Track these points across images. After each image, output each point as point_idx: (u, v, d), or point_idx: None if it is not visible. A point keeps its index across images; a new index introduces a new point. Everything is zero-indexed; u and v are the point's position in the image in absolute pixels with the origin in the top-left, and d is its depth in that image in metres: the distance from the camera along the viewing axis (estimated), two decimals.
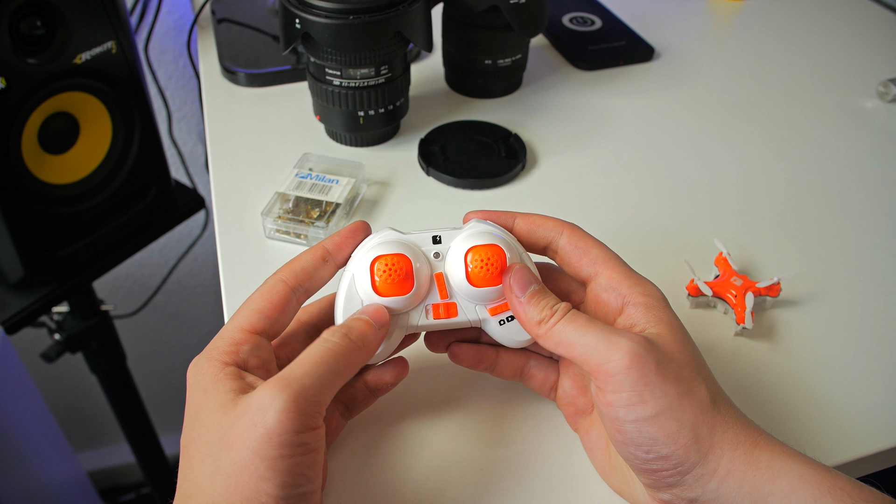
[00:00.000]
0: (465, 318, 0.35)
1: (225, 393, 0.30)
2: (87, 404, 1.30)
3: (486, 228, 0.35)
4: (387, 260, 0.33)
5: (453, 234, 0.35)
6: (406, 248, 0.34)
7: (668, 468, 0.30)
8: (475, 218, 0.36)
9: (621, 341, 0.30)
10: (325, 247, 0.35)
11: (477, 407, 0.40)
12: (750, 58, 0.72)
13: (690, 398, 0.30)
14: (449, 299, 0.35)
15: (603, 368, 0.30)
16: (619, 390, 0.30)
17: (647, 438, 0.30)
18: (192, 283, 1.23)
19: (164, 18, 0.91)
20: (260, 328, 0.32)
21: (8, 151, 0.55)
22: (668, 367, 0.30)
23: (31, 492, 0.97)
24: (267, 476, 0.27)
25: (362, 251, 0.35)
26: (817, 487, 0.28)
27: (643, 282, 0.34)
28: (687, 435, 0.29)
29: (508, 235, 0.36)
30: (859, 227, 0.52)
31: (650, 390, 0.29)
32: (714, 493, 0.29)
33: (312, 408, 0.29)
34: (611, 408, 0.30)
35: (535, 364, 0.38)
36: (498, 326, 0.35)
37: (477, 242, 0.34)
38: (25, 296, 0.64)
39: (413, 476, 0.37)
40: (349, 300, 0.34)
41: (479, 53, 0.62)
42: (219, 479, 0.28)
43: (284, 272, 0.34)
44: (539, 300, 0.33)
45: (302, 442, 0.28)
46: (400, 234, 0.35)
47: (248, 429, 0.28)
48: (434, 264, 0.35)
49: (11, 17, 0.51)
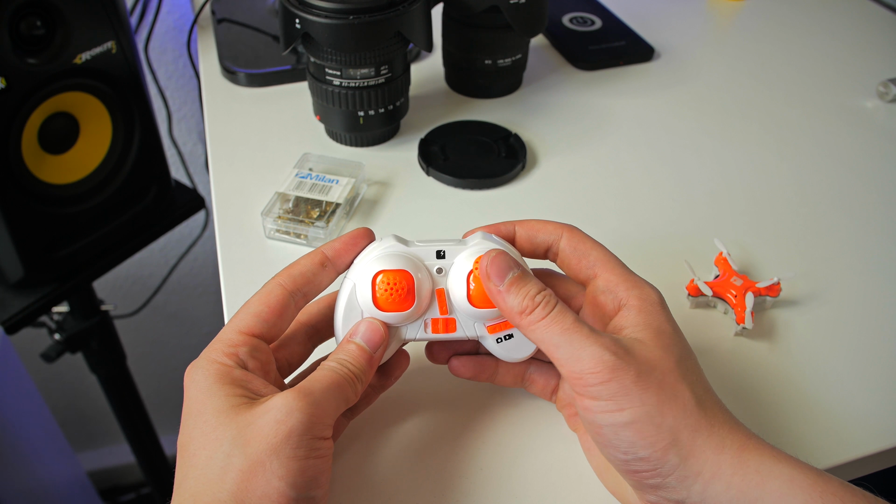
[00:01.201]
0: (464, 334, 0.35)
1: (231, 395, 0.30)
2: (87, 404, 1.30)
3: (490, 245, 0.35)
4: (389, 277, 0.33)
5: (457, 250, 0.35)
6: (409, 264, 0.34)
7: (648, 469, 0.30)
8: (479, 232, 0.36)
9: (603, 354, 0.30)
10: (323, 252, 0.35)
11: (477, 407, 0.40)
12: (750, 58, 0.72)
13: (672, 404, 0.30)
14: (448, 315, 0.35)
15: (582, 378, 0.30)
16: (597, 398, 0.30)
17: (624, 441, 0.30)
18: (192, 283, 1.23)
19: (164, 18, 0.91)
20: (257, 331, 0.33)
21: (8, 151, 0.55)
22: (649, 376, 0.30)
23: (31, 492, 0.97)
24: (281, 474, 0.28)
25: (365, 260, 0.35)
26: (808, 492, 0.28)
27: (640, 284, 0.34)
28: (665, 439, 0.29)
29: (513, 251, 0.36)
30: (859, 227, 0.52)
31: (628, 399, 0.30)
32: (700, 496, 0.29)
33: (327, 420, 0.30)
34: (588, 412, 0.31)
35: (536, 369, 0.38)
36: (496, 344, 0.35)
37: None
38: (25, 296, 0.64)
39: (413, 476, 0.37)
40: (349, 310, 0.34)
41: (479, 53, 0.62)
42: (229, 477, 0.28)
43: (282, 276, 0.34)
44: (519, 288, 0.32)
45: (317, 447, 0.29)
46: (403, 247, 0.35)
47: (271, 426, 0.28)
48: (436, 280, 0.35)
49: (11, 17, 0.51)
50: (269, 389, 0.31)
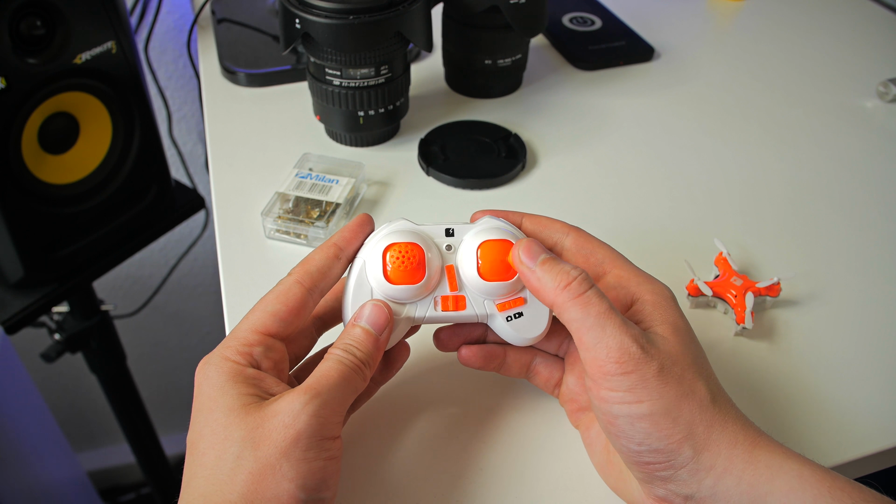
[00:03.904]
0: (474, 312, 0.35)
1: (243, 394, 0.30)
2: (87, 404, 1.30)
3: (499, 224, 0.36)
4: (400, 248, 0.34)
5: (466, 228, 0.35)
6: (419, 238, 0.34)
7: (660, 461, 0.30)
8: (487, 215, 0.36)
9: (631, 346, 0.30)
10: (336, 244, 0.35)
11: (478, 405, 0.40)
12: (750, 58, 0.72)
13: (690, 399, 0.30)
14: (458, 292, 0.35)
15: (604, 366, 0.30)
16: (616, 389, 0.30)
17: (639, 432, 0.30)
18: (192, 283, 1.23)
19: (164, 18, 0.91)
20: (273, 331, 0.32)
21: (8, 151, 0.55)
22: (670, 371, 0.30)
23: (31, 492, 0.97)
24: (291, 476, 0.28)
25: (375, 238, 0.35)
26: (816, 487, 0.28)
27: (651, 280, 0.34)
28: (682, 431, 0.30)
29: (520, 233, 0.36)
30: (859, 226, 0.52)
31: (647, 392, 0.30)
32: (710, 490, 0.29)
33: (336, 418, 0.30)
34: (604, 402, 0.31)
35: (541, 361, 0.38)
36: (505, 322, 0.35)
37: (489, 237, 0.34)
38: (25, 296, 0.64)
39: (413, 476, 0.37)
40: (359, 286, 0.34)
41: (479, 53, 0.62)
42: (239, 478, 0.28)
43: (300, 274, 0.34)
44: (554, 265, 0.32)
45: (326, 448, 0.29)
46: (413, 225, 0.35)
47: (279, 429, 0.28)
48: (446, 256, 0.35)
49: (11, 17, 0.51)
50: (281, 388, 0.31)
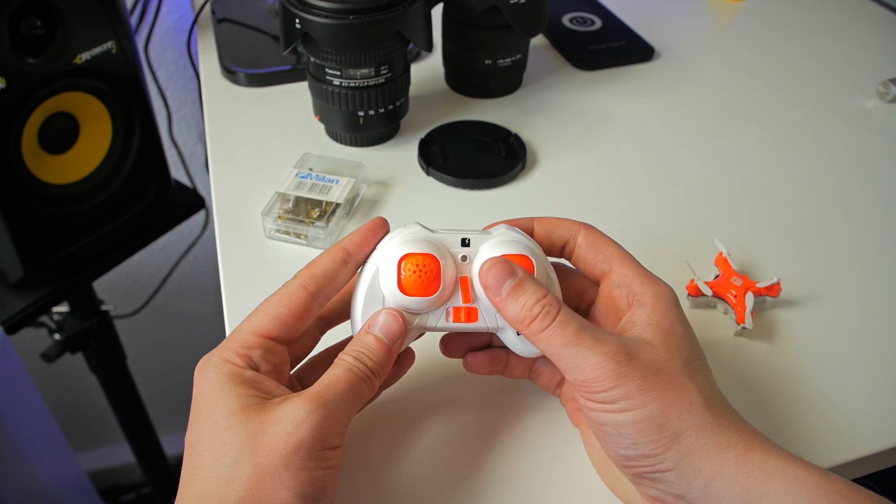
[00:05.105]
0: (485, 324, 0.34)
1: (242, 396, 0.30)
2: (87, 404, 1.30)
3: (515, 237, 0.35)
4: (416, 260, 0.33)
5: (482, 239, 0.35)
6: (435, 249, 0.34)
7: (647, 465, 0.30)
8: (503, 224, 0.36)
9: (607, 364, 0.30)
10: (344, 248, 0.34)
11: (477, 407, 0.40)
12: (750, 58, 0.72)
13: (678, 405, 0.30)
14: (471, 304, 0.34)
15: (587, 386, 0.30)
16: (601, 401, 0.30)
17: (625, 438, 0.30)
18: (192, 283, 1.23)
19: (164, 18, 0.91)
20: (275, 334, 0.32)
21: (8, 151, 0.55)
22: (654, 378, 0.30)
23: (31, 492, 0.97)
24: (289, 485, 0.28)
25: (389, 245, 0.34)
26: (812, 490, 0.28)
27: (655, 281, 0.34)
28: (667, 437, 0.30)
29: (535, 245, 0.36)
30: (859, 226, 0.52)
31: (632, 402, 0.30)
32: (702, 493, 0.29)
33: (340, 428, 0.30)
34: (591, 411, 0.31)
35: (543, 362, 0.38)
36: (514, 336, 0.35)
37: (507, 251, 0.34)
38: (25, 296, 0.64)
39: (413, 476, 0.37)
40: (371, 294, 0.34)
41: (479, 53, 0.62)
42: (237, 483, 0.28)
43: (305, 277, 0.33)
44: (517, 297, 0.32)
45: (327, 458, 0.29)
46: (429, 233, 0.35)
47: (281, 437, 0.28)
48: (460, 267, 0.34)
49: (11, 17, 0.51)
50: (281, 390, 0.31)
